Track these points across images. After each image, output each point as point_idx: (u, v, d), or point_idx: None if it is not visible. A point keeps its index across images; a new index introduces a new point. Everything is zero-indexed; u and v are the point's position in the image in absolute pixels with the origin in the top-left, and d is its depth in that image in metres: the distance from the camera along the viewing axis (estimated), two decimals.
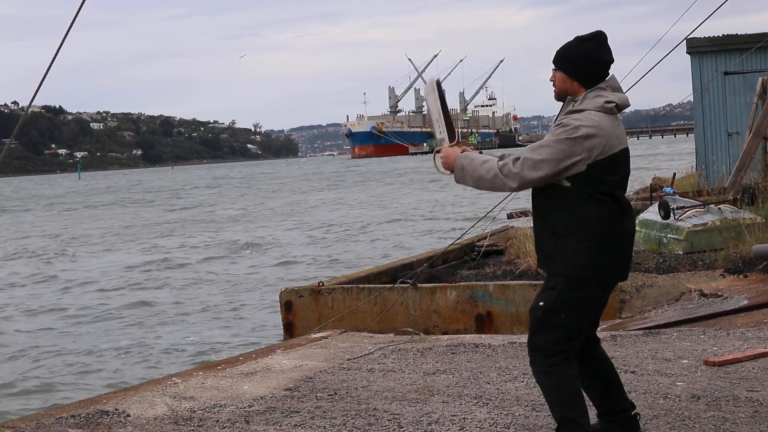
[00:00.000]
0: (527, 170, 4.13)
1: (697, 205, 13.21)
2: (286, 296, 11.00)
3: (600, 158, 4.13)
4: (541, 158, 4.11)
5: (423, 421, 5.21)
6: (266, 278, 19.49)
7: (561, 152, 4.10)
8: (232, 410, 5.69)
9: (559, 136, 4.13)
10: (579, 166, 4.12)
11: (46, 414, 5.93)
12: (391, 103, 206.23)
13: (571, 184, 4.16)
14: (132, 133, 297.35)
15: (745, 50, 17.84)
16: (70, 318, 15.87)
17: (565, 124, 4.15)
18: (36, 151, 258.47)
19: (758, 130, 15.69)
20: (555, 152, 4.10)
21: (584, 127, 4.11)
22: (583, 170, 4.12)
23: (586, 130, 4.11)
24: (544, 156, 4.11)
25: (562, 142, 4.10)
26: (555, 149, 4.11)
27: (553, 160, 4.10)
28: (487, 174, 4.20)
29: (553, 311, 4.22)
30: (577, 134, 4.10)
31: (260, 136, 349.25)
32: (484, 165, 4.22)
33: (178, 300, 17.19)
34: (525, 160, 4.13)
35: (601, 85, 4.25)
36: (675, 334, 7.53)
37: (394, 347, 7.50)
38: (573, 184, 4.15)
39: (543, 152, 4.12)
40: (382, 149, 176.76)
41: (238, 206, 48.07)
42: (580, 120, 4.14)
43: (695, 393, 5.52)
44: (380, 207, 40.05)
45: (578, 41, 4.30)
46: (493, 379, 6.18)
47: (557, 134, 4.14)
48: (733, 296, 9.46)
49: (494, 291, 10.28)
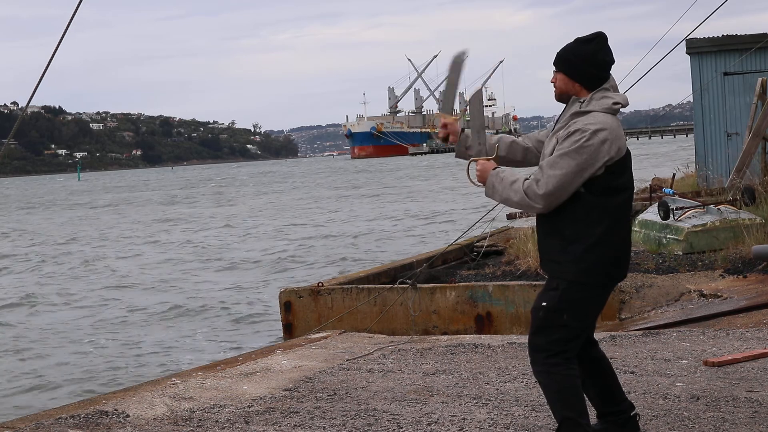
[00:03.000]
0: (552, 188, 4.10)
1: (697, 206, 13.21)
2: (286, 297, 11.00)
3: (615, 160, 4.14)
4: (563, 172, 4.08)
5: (422, 421, 5.22)
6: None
7: (583, 161, 4.08)
8: (232, 410, 5.70)
9: (574, 144, 4.10)
10: (599, 171, 4.12)
11: (45, 414, 5.93)
12: (390, 104, 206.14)
13: (584, 189, 4.15)
14: (131, 134, 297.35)
15: (744, 51, 17.84)
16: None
17: (582, 129, 4.12)
18: (35, 151, 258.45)
19: (758, 131, 15.69)
20: (574, 163, 4.08)
21: (601, 131, 4.10)
22: (601, 172, 4.12)
23: (603, 134, 4.10)
24: (566, 170, 4.08)
25: (582, 151, 4.08)
26: (574, 160, 4.08)
27: (575, 173, 4.08)
28: (514, 196, 4.20)
29: (556, 311, 4.22)
30: (595, 139, 4.09)
31: (260, 136, 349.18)
32: (513, 186, 4.21)
33: (180, 300, 17.19)
34: (548, 178, 4.10)
35: (605, 86, 4.26)
36: (674, 334, 7.53)
37: (393, 348, 7.50)
38: (586, 189, 4.15)
39: (565, 166, 4.08)
40: (382, 149, 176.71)
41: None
42: (594, 124, 4.12)
43: (694, 393, 5.52)
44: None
45: (579, 43, 4.31)
46: (493, 379, 6.18)
47: (575, 142, 4.09)
48: (732, 297, 9.46)
49: (494, 291, 10.28)
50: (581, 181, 4.11)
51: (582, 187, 4.13)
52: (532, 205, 4.17)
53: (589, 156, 4.08)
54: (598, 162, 4.09)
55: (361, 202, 44.77)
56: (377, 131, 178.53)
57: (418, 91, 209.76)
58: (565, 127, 4.20)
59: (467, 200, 37.80)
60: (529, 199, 4.15)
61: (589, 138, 4.09)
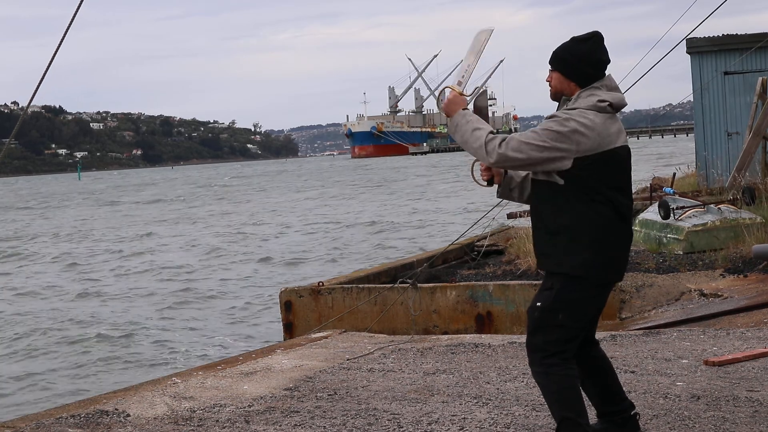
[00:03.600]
0: (510, 150, 4.14)
1: (697, 205, 13.20)
2: (286, 296, 11.00)
3: (589, 155, 4.12)
4: (526, 141, 4.13)
5: (423, 421, 5.21)
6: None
7: (547, 140, 4.10)
8: (232, 410, 5.69)
9: (547, 125, 4.15)
10: (565, 161, 4.11)
11: (45, 414, 5.93)
12: (391, 103, 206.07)
13: (564, 182, 4.15)
14: (132, 133, 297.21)
15: (745, 50, 17.83)
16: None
17: (557, 116, 4.17)
18: (36, 151, 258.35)
19: (758, 130, 15.69)
20: (540, 138, 4.11)
21: (574, 121, 4.12)
22: (569, 166, 4.12)
23: (575, 124, 4.11)
24: (529, 140, 4.12)
25: (550, 132, 4.11)
26: (541, 136, 4.12)
27: (537, 146, 4.11)
28: (473, 141, 4.24)
29: (551, 311, 4.22)
30: (566, 126, 4.10)
31: (260, 136, 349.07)
32: (474, 132, 4.25)
33: (182, 299, 17.19)
34: (510, 140, 4.16)
35: (596, 85, 4.26)
36: (675, 334, 7.53)
37: (394, 347, 7.50)
38: (567, 183, 4.15)
39: (529, 137, 4.14)
40: (382, 149, 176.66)
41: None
42: (571, 114, 4.15)
43: (695, 393, 5.52)
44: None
45: (574, 42, 4.31)
46: (493, 379, 6.18)
47: (548, 124, 4.16)
48: (733, 296, 9.46)
49: (494, 291, 10.27)
50: (540, 158, 4.11)
51: (562, 179, 4.14)
52: (486, 157, 4.21)
53: (553, 136, 4.10)
54: (560, 146, 4.09)
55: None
56: (377, 131, 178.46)
57: (419, 90, 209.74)
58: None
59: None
60: (486, 151, 4.19)
61: (560, 123, 4.12)
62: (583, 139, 4.10)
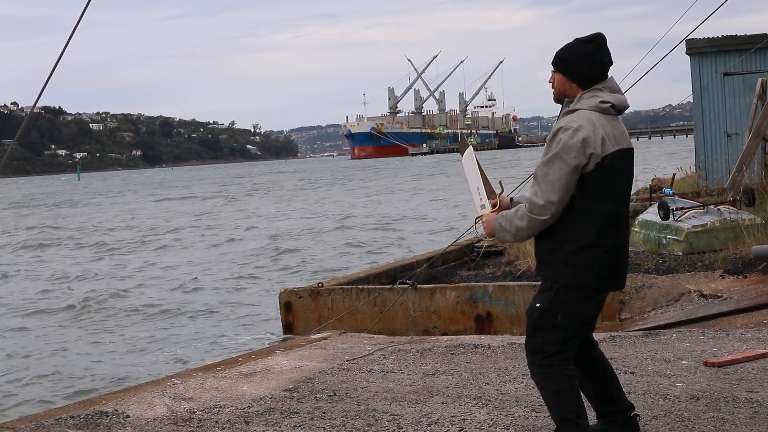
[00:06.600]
0: (550, 194, 4.10)
1: (697, 206, 13.21)
2: (286, 297, 11.01)
3: (601, 156, 4.11)
4: (557, 177, 4.08)
5: (422, 422, 5.22)
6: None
7: (572, 159, 4.08)
8: (232, 411, 5.70)
9: (561, 143, 4.10)
10: (589, 167, 4.10)
11: (45, 414, 5.93)
12: (390, 104, 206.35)
13: (576, 191, 4.14)
14: (131, 134, 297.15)
15: (744, 51, 17.85)
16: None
17: (564, 128, 4.13)
18: (35, 151, 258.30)
19: (758, 131, 15.69)
20: (566, 162, 4.08)
21: (582, 128, 4.10)
22: (591, 170, 4.10)
23: (584, 131, 4.10)
24: (560, 173, 4.08)
25: (569, 150, 4.08)
26: (565, 160, 4.08)
27: (569, 172, 4.08)
28: (521, 222, 4.18)
29: (550, 312, 4.22)
30: (578, 136, 4.09)
31: (260, 136, 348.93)
32: (516, 214, 4.20)
33: (182, 299, 17.19)
34: (545, 185, 4.10)
35: (598, 86, 4.25)
36: (674, 334, 7.53)
37: (393, 348, 7.50)
38: (578, 191, 4.13)
39: (556, 169, 4.09)
40: (382, 150, 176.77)
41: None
42: (576, 121, 4.13)
43: (694, 394, 5.52)
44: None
45: (577, 43, 4.30)
46: (493, 379, 6.18)
47: (559, 142, 4.10)
48: (732, 297, 9.46)
49: (494, 292, 10.28)
50: (577, 178, 4.10)
51: (574, 189, 4.13)
52: (540, 219, 4.14)
53: (576, 153, 4.08)
54: (584, 157, 4.08)
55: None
56: (377, 131, 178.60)
57: (418, 91, 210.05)
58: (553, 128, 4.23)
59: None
60: (535, 214, 4.13)
61: (572, 135, 4.09)
62: (587, 144, 4.07)
